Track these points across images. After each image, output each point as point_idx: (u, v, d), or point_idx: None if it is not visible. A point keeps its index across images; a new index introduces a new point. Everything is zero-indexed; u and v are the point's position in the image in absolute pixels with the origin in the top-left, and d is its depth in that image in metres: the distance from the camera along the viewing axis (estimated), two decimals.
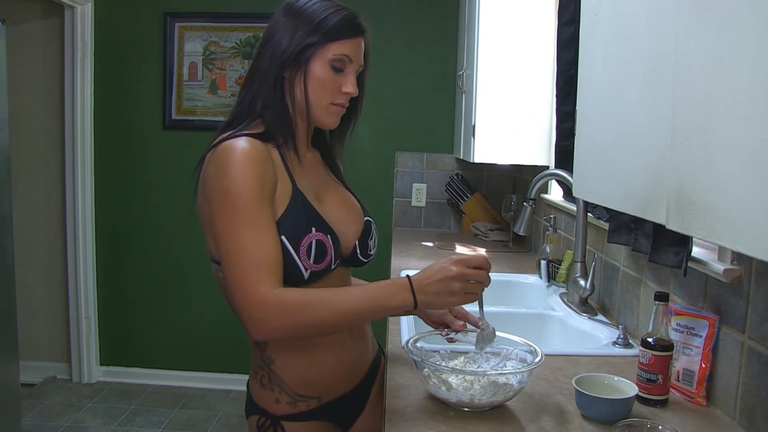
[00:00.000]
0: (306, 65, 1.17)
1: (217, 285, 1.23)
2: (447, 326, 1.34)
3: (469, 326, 1.32)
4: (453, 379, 1.15)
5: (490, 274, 1.11)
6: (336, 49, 1.17)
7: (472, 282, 1.08)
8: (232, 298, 1.09)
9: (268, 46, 1.20)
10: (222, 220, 1.09)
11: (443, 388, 1.14)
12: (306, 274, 1.15)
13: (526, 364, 1.20)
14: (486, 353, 1.24)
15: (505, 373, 1.15)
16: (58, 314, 3.57)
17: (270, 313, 1.05)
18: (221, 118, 1.48)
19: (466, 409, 1.14)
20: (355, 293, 1.10)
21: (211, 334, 3.51)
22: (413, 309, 1.10)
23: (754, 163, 0.65)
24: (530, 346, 1.24)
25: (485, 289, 1.12)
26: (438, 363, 1.21)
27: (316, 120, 1.23)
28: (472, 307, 1.21)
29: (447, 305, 1.11)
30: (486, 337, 1.23)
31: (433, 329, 1.35)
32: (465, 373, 1.16)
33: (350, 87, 1.20)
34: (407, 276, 1.09)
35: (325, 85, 1.19)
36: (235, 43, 3.38)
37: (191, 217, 1.13)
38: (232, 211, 1.08)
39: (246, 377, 1.33)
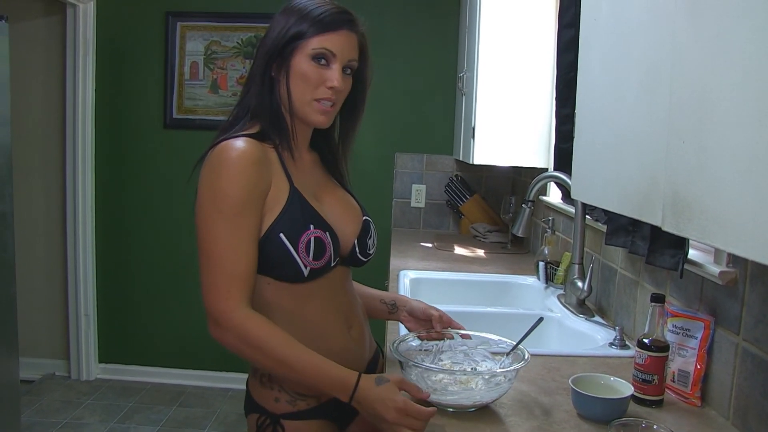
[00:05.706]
0: (288, 60, 1.18)
1: None
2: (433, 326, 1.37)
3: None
4: (441, 379, 1.16)
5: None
6: (316, 43, 1.17)
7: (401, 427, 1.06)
8: (203, 296, 1.12)
9: (261, 46, 1.22)
10: (205, 221, 1.12)
11: (432, 389, 1.14)
12: (306, 272, 1.16)
13: (510, 363, 1.22)
14: (472, 353, 1.25)
15: (494, 373, 1.16)
16: (58, 311, 3.58)
17: (230, 332, 1.10)
18: (222, 118, 1.49)
19: (451, 410, 1.15)
20: (311, 364, 1.10)
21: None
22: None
23: (746, 166, 0.66)
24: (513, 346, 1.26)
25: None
26: (423, 363, 1.22)
27: (302, 117, 1.22)
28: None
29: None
30: None
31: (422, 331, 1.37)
32: (453, 374, 1.17)
33: (334, 81, 1.18)
34: (356, 386, 1.08)
35: (306, 79, 1.18)
36: (237, 42, 3.39)
37: (190, 216, 1.14)
38: (217, 214, 1.11)
39: (244, 375, 1.33)
